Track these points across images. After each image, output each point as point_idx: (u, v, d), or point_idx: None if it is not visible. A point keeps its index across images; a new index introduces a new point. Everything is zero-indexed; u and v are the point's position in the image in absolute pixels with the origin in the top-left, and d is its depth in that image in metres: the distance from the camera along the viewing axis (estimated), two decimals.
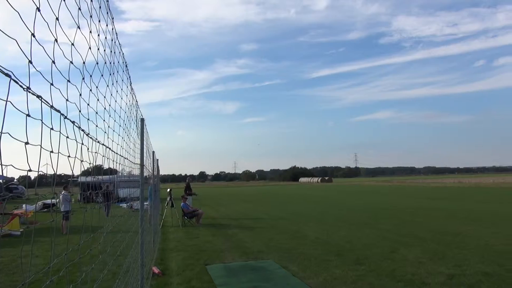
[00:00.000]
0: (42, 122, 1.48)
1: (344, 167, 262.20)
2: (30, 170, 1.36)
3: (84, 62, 2.00)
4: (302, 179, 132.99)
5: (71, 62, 1.80)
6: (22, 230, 13.34)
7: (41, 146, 1.45)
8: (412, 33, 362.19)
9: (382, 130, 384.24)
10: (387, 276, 6.74)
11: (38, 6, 1.42)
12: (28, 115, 1.36)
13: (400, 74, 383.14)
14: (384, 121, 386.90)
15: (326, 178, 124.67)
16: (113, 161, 3.20)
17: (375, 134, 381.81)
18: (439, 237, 10.53)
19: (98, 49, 2.35)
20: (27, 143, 1.34)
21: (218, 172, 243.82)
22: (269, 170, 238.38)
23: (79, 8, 1.90)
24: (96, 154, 2.44)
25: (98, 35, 2.33)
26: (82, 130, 2.06)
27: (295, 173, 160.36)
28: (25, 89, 1.35)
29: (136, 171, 5.44)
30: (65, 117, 1.74)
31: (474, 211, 17.17)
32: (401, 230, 11.99)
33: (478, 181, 67.39)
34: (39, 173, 1.47)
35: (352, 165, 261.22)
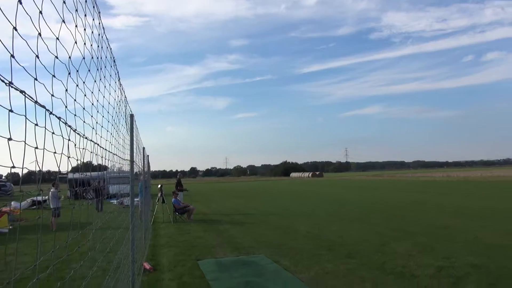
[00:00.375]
0: (26, 117, 1.45)
1: (335, 161, 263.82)
2: (13, 167, 1.33)
3: (70, 57, 1.97)
4: (293, 174, 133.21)
5: (56, 57, 1.76)
6: (10, 227, 13.19)
7: (25, 142, 1.42)
8: (401, 28, 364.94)
9: (372, 125, 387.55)
10: (378, 269, 6.80)
11: None
12: (11, 110, 1.33)
13: (390, 69, 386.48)
14: (374, 116, 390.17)
15: (317, 173, 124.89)
16: (102, 157, 3.17)
17: (365, 129, 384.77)
18: (429, 230, 10.66)
19: (85, 43, 2.31)
20: (10, 139, 1.31)
21: (209, 168, 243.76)
22: (260, 165, 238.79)
23: (64, 1, 1.87)
24: (84, 150, 2.41)
25: (85, 29, 2.29)
26: (69, 126, 2.03)
27: (286, 168, 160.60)
28: (7, 84, 1.32)
29: (126, 167, 5.40)
30: (51, 113, 1.71)
31: (462, 205, 17.39)
32: (391, 224, 12.11)
33: (466, 175, 68.23)
34: (25, 169, 1.45)
35: (343, 160, 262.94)
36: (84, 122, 2.40)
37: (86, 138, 2.46)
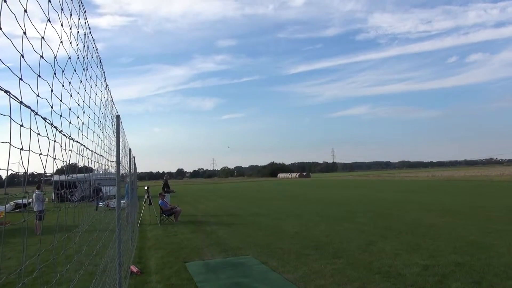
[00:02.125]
0: (10, 118, 1.42)
1: (321, 162, 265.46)
2: None
3: (55, 57, 1.93)
4: (280, 175, 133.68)
5: (42, 57, 1.73)
6: None
7: (10, 143, 1.39)
8: (387, 30, 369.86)
9: (359, 126, 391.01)
10: (365, 269, 6.86)
11: None
12: None
13: (376, 70, 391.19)
14: (360, 117, 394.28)
15: (304, 173, 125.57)
16: (88, 159, 3.12)
17: (351, 129, 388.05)
18: (414, 229, 10.80)
19: (71, 43, 2.27)
20: None
21: (197, 169, 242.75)
22: (247, 166, 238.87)
23: (49, 0, 1.83)
24: (70, 151, 2.37)
25: (70, 28, 2.26)
26: (55, 127, 1.99)
27: (273, 169, 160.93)
28: None
29: (112, 169, 5.33)
30: (36, 114, 1.68)
31: (446, 204, 17.68)
32: (377, 223, 12.23)
33: (450, 174, 69.41)
34: (10, 171, 1.41)
35: (330, 160, 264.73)
36: (70, 123, 2.36)
37: (72, 139, 2.43)
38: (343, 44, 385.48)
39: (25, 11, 1.49)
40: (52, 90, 1.94)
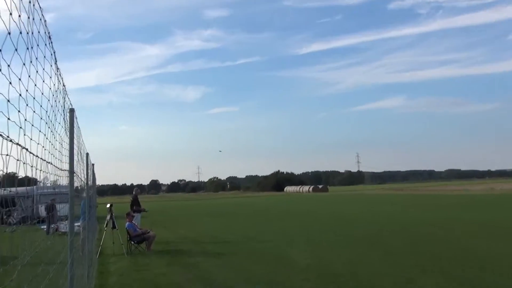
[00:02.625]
0: None
1: (343, 171, 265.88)
2: None
3: None
4: (288, 188, 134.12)
5: None
6: None
7: None
8: None
9: (392, 123, 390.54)
10: None
11: None
12: None
13: (414, 49, 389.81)
14: (393, 111, 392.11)
15: (320, 186, 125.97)
16: (32, 166, 3.14)
17: (382, 128, 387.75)
18: (467, 260, 10.82)
19: (11, 14, 2.29)
20: None
21: (176, 181, 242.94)
22: (244, 177, 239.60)
23: None
24: (7, 157, 2.39)
25: None
26: None
27: (278, 181, 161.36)
28: None
29: (64, 181, 5.35)
30: None
31: (510, 225, 17.71)
32: (417, 251, 12.25)
33: None
34: None
35: (354, 169, 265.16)
36: (8, 119, 2.38)
37: (10, 140, 2.44)
38: (370, 15, 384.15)
39: None
40: None
